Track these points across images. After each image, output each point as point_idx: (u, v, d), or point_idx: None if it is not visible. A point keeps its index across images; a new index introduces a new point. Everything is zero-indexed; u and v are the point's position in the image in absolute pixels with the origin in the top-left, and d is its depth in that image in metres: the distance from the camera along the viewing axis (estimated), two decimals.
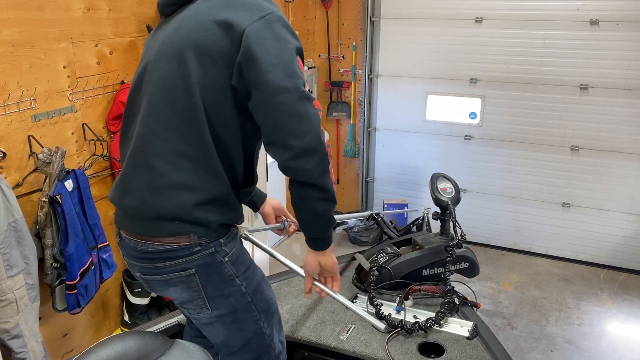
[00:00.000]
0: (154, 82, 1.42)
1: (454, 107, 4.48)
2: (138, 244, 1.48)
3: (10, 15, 2.25)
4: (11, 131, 2.32)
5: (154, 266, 1.49)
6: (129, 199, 1.46)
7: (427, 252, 2.28)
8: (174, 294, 1.54)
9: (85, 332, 2.86)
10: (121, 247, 1.58)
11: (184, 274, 1.47)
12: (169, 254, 1.45)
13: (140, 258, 1.50)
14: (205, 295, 1.50)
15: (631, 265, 4.17)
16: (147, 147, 1.42)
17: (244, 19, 1.32)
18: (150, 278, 1.53)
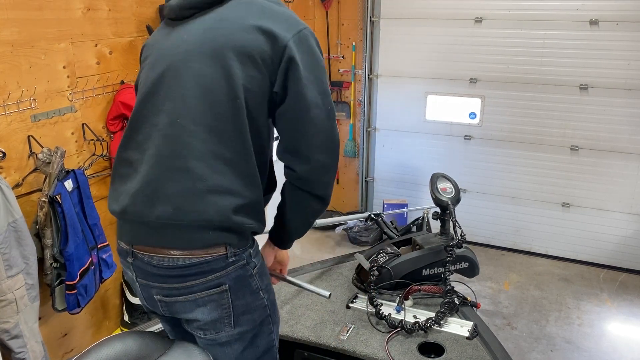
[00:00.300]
0: (185, 83, 1.34)
1: (454, 107, 4.48)
2: (164, 260, 1.34)
3: (10, 15, 2.25)
4: (11, 131, 2.32)
5: (183, 285, 1.36)
6: (160, 207, 1.32)
7: (427, 252, 2.27)
8: (200, 315, 1.40)
9: (85, 332, 2.86)
10: (135, 268, 1.42)
11: (216, 290, 1.37)
12: (202, 267, 1.34)
13: (166, 277, 1.36)
14: (233, 312, 1.40)
15: (631, 265, 4.17)
16: (182, 150, 1.32)
17: (286, 31, 1.36)
18: (174, 300, 1.40)
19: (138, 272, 1.43)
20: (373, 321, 2.06)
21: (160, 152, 1.34)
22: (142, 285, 1.45)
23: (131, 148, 1.41)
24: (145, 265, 1.39)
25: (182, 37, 1.40)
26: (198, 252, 1.34)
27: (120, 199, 1.40)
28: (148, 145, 1.36)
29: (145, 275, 1.41)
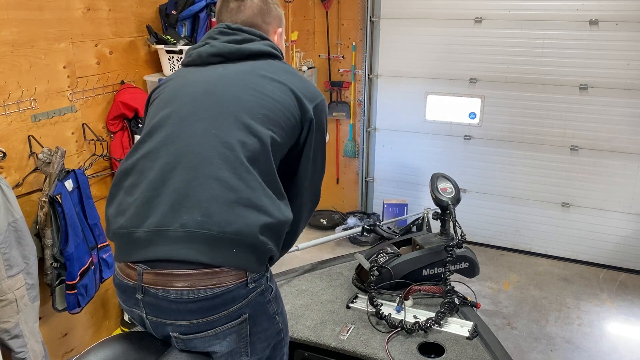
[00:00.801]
0: (224, 102, 1.38)
1: (454, 107, 4.48)
2: (183, 293, 1.25)
3: (10, 15, 2.25)
4: (11, 131, 2.32)
5: (205, 321, 1.29)
6: (186, 215, 1.26)
7: (427, 252, 2.27)
8: (218, 348, 1.34)
9: (85, 332, 2.86)
10: (145, 305, 1.31)
11: (237, 322, 1.32)
12: (225, 297, 1.27)
13: (185, 312, 1.28)
14: (250, 340, 1.36)
15: (631, 265, 4.17)
16: (215, 158, 1.30)
17: (311, 98, 1.48)
18: (194, 337, 1.32)
19: (149, 310, 1.32)
20: (373, 321, 2.06)
21: (186, 159, 1.31)
22: (154, 324, 1.35)
23: (146, 156, 1.36)
24: (160, 301, 1.28)
25: (217, 70, 1.46)
26: (220, 275, 1.27)
27: (129, 211, 1.31)
28: (164, 151, 1.34)
29: (159, 312, 1.31)
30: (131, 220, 1.31)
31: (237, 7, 1.55)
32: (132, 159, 1.39)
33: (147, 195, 1.31)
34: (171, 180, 1.30)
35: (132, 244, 1.31)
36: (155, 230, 1.28)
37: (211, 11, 2.92)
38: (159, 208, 1.29)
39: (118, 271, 1.37)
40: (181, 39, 2.85)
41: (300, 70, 4.54)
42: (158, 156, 1.35)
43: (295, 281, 2.38)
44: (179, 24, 2.89)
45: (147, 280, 1.28)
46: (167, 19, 2.89)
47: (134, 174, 1.36)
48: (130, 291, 1.33)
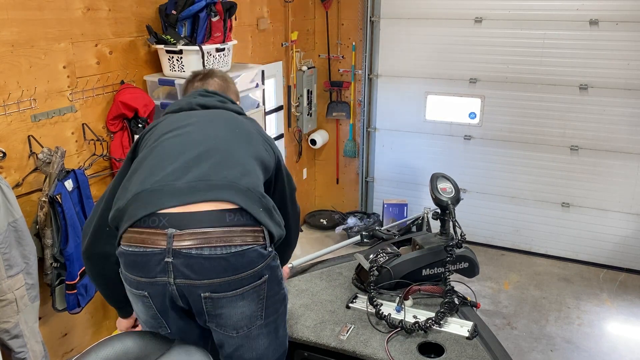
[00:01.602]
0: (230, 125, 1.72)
1: (454, 107, 4.48)
2: (217, 249, 1.38)
3: (10, 15, 2.25)
4: (11, 131, 2.32)
5: (235, 278, 1.41)
6: (229, 171, 1.50)
7: (427, 252, 2.28)
8: (241, 309, 1.47)
9: (85, 332, 2.86)
10: (175, 269, 1.40)
11: (260, 282, 1.46)
12: (252, 255, 1.42)
13: (221, 269, 1.40)
14: (265, 304, 1.50)
15: (631, 265, 4.17)
16: (236, 152, 1.59)
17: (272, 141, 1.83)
18: (223, 296, 1.44)
19: (179, 273, 1.40)
20: (373, 321, 2.06)
21: (216, 153, 1.56)
22: (183, 288, 1.43)
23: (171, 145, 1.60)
24: (194, 260, 1.38)
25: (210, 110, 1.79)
26: (248, 231, 1.43)
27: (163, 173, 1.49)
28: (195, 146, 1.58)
29: (191, 272, 1.39)
30: (167, 177, 1.48)
31: (202, 84, 1.92)
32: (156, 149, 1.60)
33: (183, 164, 1.51)
34: (206, 158, 1.53)
35: (169, 195, 1.44)
36: (197, 181, 1.46)
37: (211, 11, 2.91)
38: (199, 168, 1.49)
39: (136, 243, 1.42)
40: (181, 39, 2.85)
41: (300, 70, 4.54)
42: (187, 147, 1.57)
43: (295, 281, 2.38)
44: (179, 24, 2.88)
45: (178, 241, 1.37)
46: (167, 19, 2.89)
47: (160, 158, 1.56)
48: (155, 259, 1.40)
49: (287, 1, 4.27)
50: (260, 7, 3.97)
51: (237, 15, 3.34)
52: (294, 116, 4.61)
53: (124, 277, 1.51)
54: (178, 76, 2.92)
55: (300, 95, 4.59)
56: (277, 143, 4.50)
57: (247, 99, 3.36)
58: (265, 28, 4.03)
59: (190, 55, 2.85)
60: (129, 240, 1.44)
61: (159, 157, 1.56)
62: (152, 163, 1.55)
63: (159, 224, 1.40)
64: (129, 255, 1.45)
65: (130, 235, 1.44)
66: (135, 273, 1.45)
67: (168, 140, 1.61)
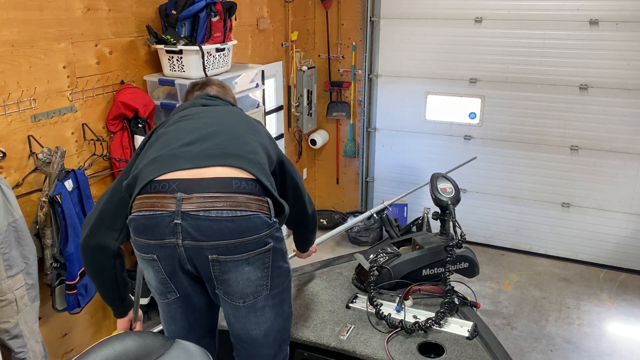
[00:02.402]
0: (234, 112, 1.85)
1: (454, 107, 4.48)
2: (223, 212, 1.45)
3: (10, 15, 2.25)
4: (11, 131, 2.32)
5: (241, 242, 1.47)
6: (241, 147, 1.59)
7: (427, 252, 2.28)
8: (247, 275, 1.53)
9: (85, 332, 2.86)
10: (183, 230, 1.46)
11: (265, 249, 1.52)
12: (256, 221, 1.48)
13: (227, 231, 1.46)
14: (271, 274, 1.56)
15: (631, 265, 4.17)
16: (245, 137, 1.67)
17: (277, 146, 1.89)
18: (230, 258, 1.50)
19: (187, 234, 1.46)
20: (373, 321, 2.06)
21: (222, 135, 1.65)
22: (191, 249, 1.49)
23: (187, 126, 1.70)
24: (201, 221, 1.45)
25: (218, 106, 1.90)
26: (252, 199, 1.49)
27: (181, 142, 1.60)
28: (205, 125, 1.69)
29: (199, 234, 1.46)
30: (184, 146, 1.57)
31: (201, 92, 1.99)
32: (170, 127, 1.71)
33: (198, 137, 1.60)
34: (219, 135, 1.63)
35: (185, 159, 1.53)
36: (212, 149, 1.56)
37: (211, 11, 2.91)
38: (213, 140, 1.59)
39: (146, 207, 1.49)
40: (181, 39, 2.85)
41: (300, 70, 4.54)
42: (202, 126, 1.67)
43: (296, 281, 2.38)
44: (178, 24, 2.88)
45: (187, 204, 1.45)
46: (167, 19, 2.89)
47: (176, 133, 1.66)
48: (164, 221, 1.47)
49: (287, 1, 4.27)
50: (260, 7, 3.97)
51: (237, 15, 3.34)
52: (294, 116, 4.61)
53: (134, 244, 1.56)
54: (178, 76, 2.92)
55: (300, 95, 4.59)
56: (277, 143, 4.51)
57: (247, 99, 3.36)
58: (265, 28, 4.04)
59: (190, 55, 2.85)
60: (139, 207, 1.50)
61: (174, 133, 1.66)
62: (169, 137, 1.64)
63: (169, 188, 1.47)
64: (140, 219, 1.50)
65: (141, 201, 1.50)
66: (145, 236, 1.51)
67: (183, 123, 1.71)
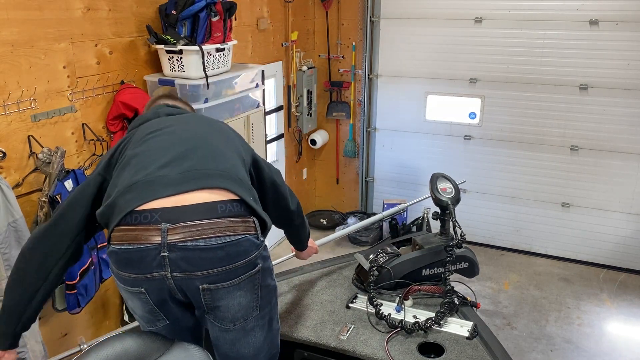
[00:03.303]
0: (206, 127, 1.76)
1: (454, 107, 4.48)
2: (212, 240, 1.39)
3: (10, 15, 2.26)
4: (11, 131, 2.32)
5: (230, 267, 1.43)
6: (218, 163, 1.54)
7: (427, 252, 2.28)
8: (238, 300, 1.49)
9: (85, 332, 2.86)
10: (171, 262, 1.40)
11: (254, 272, 1.49)
12: (245, 244, 1.44)
13: (217, 259, 1.41)
14: (260, 294, 1.53)
15: (631, 265, 4.17)
16: (220, 147, 1.63)
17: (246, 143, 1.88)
18: (221, 286, 1.46)
19: (175, 266, 1.41)
20: (373, 321, 2.06)
21: (200, 151, 1.58)
22: (181, 281, 1.43)
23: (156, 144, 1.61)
24: (190, 252, 1.39)
25: (183, 117, 1.83)
26: (239, 222, 1.45)
27: (155, 165, 1.51)
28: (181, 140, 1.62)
29: (188, 265, 1.40)
30: (159, 170, 1.49)
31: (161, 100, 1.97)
32: (139, 148, 1.60)
33: (173, 157, 1.53)
34: (195, 152, 1.56)
35: (163, 185, 1.45)
36: (191, 170, 1.49)
37: (211, 11, 2.91)
38: (190, 160, 1.52)
39: (129, 241, 1.41)
40: (181, 39, 2.85)
41: (300, 70, 4.54)
42: (174, 143, 1.59)
43: (296, 281, 2.38)
44: (178, 24, 2.88)
45: (172, 235, 1.38)
46: (167, 19, 2.89)
47: (149, 153, 1.57)
48: (150, 255, 1.40)
49: (287, 1, 4.27)
50: (260, 7, 3.97)
51: (237, 15, 3.34)
52: (294, 116, 4.61)
53: (117, 277, 1.49)
54: (178, 76, 2.92)
55: (300, 95, 4.59)
56: (278, 143, 4.51)
57: (247, 99, 3.36)
58: (265, 28, 4.03)
59: (190, 55, 2.85)
60: (120, 239, 1.42)
61: (147, 153, 1.56)
62: (141, 159, 1.54)
63: (151, 219, 1.40)
64: (123, 253, 1.42)
65: (122, 233, 1.42)
66: (131, 270, 1.44)
67: (153, 139, 1.62)
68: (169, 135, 1.63)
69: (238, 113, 3.25)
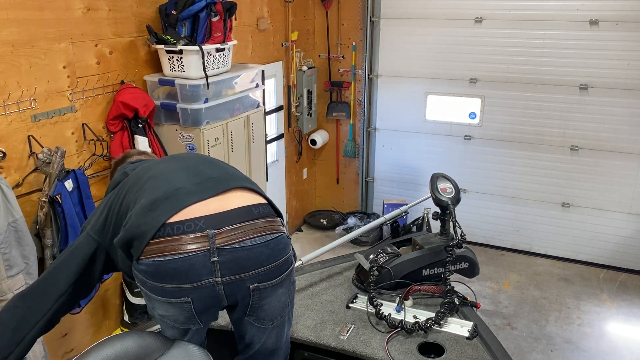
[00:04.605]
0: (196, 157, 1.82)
1: (454, 107, 4.48)
2: (256, 239, 1.44)
3: (10, 15, 2.26)
4: (11, 131, 2.32)
5: (276, 264, 1.48)
6: (236, 178, 1.59)
7: (427, 252, 2.27)
8: (280, 297, 1.54)
9: (85, 332, 2.86)
10: (222, 266, 1.41)
11: (291, 269, 1.56)
12: (283, 241, 1.52)
13: (264, 257, 1.45)
14: (291, 290, 1.60)
15: (631, 265, 4.17)
16: (217, 163, 1.70)
17: None
18: (269, 284, 1.48)
19: (226, 270, 1.41)
20: (373, 321, 2.05)
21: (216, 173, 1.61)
22: (231, 285, 1.44)
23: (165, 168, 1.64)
24: (238, 253, 1.42)
25: None
26: (273, 225, 1.51)
27: (168, 186, 1.51)
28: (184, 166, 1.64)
29: (238, 266, 1.43)
30: (176, 185, 1.50)
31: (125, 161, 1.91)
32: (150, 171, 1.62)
33: (184, 177, 1.55)
34: (199, 168, 1.61)
35: (186, 194, 1.47)
36: (205, 180, 1.53)
37: (211, 11, 2.92)
38: (203, 170, 1.58)
39: (172, 251, 1.38)
40: (181, 39, 2.85)
41: (300, 70, 4.54)
42: (178, 168, 1.62)
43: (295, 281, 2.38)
44: (179, 24, 2.88)
45: (220, 240, 1.40)
46: (167, 19, 2.89)
47: (155, 182, 1.55)
48: (199, 262, 1.39)
49: (287, 1, 4.27)
50: (260, 7, 3.97)
51: (237, 15, 3.34)
52: (294, 116, 4.61)
53: (155, 289, 1.44)
54: (178, 76, 2.92)
55: (300, 95, 4.59)
56: (278, 143, 4.51)
57: (247, 99, 3.36)
58: (265, 28, 4.03)
59: (190, 55, 2.85)
60: (161, 251, 1.39)
61: (154, 182, 1.54)
62: (151, 185, 1.52)
63: (196, 227, 1.40)
64: (167, 264, 1.38)
65: (162, 245, 1.39)
66: (177, 281, 1.40)
67: (152, 174, 1.58)
68: (165, 165, 1.65)
69: (238, 113, 3.26)
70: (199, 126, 2.92)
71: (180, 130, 2.95)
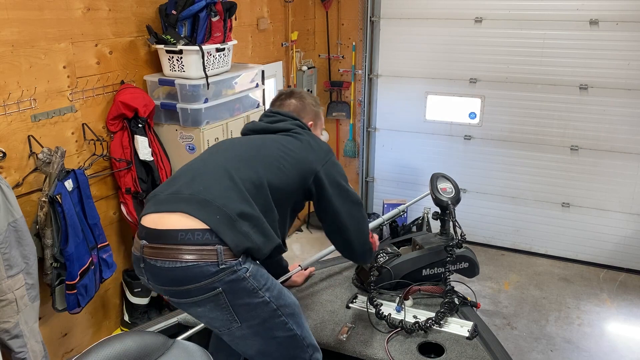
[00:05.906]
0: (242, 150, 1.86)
1: (454, 107, 4.48)
2: (165, 262, 1.57)
3: (10, 15, 2.26)
4: (11, 131, 2.32)
5: (182, 289, 1.59)
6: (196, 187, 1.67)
7: (427, 252, 2.28)
8: (202, 313, 1.65)
9: (85, 332, 2.86)
10: (146, 272, 1.64)
11: (212, 294, 1.59)
12: (194, 271, 1.56)
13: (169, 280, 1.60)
14: (234, 310, 1.62)
15: (631, 265, 4.17)
16: (227, 174, 1.72)
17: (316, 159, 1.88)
18: (177, 301, 1.66)
19: (148, 275, 1.65)
20: (373, 321, 2.06)
21: (223, 168, 1.74)
22: (154, 287, 1.68)
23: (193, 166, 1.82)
24: (154, 268, 1.61)
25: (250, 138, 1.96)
26: (195, 254, 1.56)
27: (162, 187, 1.76)
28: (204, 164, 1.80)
29: (154, 278, 1.64)
30: (164, 190, 1.73)
31: (280, 104, 2.11)
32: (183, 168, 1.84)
33: (183, 179, 1.73)
34: (199, 176, 1.73)
35: (153, 204, 1.69)
36: (174, 194, 1.68)
37: (211, 11, 2.91)
38: (196, 180, 1.70)
39: (133, 247, 1.71)
40: (181, 39, 2.85)
41: (300, 70, 4.54)
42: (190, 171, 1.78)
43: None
44: (179, 24, 2.88)
45: (146, 252, 1.62)
46: (167, 19, 2.89)
47: (180, 175, 1.79)
48: (136, 261, 1.67)
49: (287, 1, 4.27)
50: (260, 7, 3.97)
51: (237, 15, 3.35)
52: None
53: None
54: (178, 76, 2.92)
55: None
56: None
57: (247, 99, 3.36)
58: (265, 28, 4.04)
59: (190, 55, 2.85)
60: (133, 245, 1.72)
61: (187, 167, 1.82)
62: (182, 171, 1.82)
63: (140, 235, 1.65)
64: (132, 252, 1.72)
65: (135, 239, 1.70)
66: (134, 267, 1.73)
67: (196, 158, 1.88)
68: (200, 158, 1.86)
69: (238, 113, 3.26)
70: (199, 126, 2.92)
71: (180, 130, 2.96)
